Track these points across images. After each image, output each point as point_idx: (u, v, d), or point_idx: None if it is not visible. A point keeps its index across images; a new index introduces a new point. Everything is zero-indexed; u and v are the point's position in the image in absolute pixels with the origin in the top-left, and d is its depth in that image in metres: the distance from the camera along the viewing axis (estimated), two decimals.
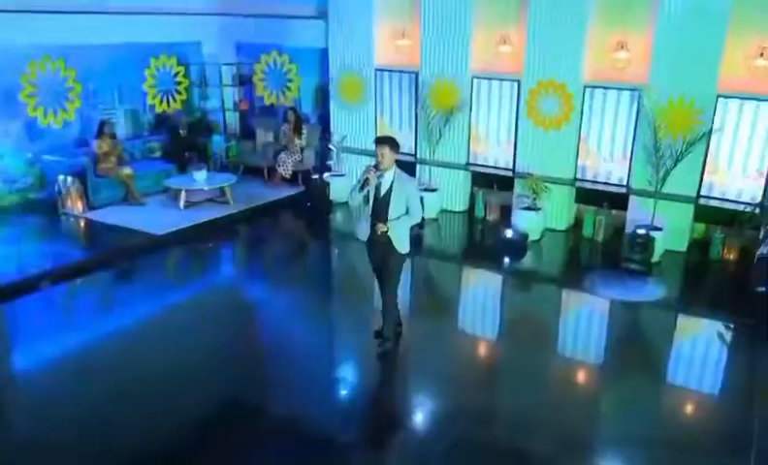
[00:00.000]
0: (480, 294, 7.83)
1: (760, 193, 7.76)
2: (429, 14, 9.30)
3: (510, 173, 9.29)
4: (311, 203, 10.05)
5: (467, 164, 9.67)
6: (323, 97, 11.29)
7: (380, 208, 5.37)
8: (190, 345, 5.92)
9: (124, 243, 8.18)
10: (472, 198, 9.86)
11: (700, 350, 6.41)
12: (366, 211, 5.54)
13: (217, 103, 11.84)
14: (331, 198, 10.14)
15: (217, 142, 10.92)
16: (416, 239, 6.96)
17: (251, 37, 11.44)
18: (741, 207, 7.78)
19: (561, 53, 8.43)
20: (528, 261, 8.36)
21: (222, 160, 10.88)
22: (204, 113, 11.73)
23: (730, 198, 7.96)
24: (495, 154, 9.45)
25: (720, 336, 6.50)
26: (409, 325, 6.17)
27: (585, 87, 8.51)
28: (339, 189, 10.18)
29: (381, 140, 5.37)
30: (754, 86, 7.65)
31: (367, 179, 5.25)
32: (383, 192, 5.35)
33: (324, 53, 10.79)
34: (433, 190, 9.66)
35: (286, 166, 10.54)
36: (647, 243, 7.61)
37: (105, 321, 6.59)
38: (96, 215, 9.02)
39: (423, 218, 6.03)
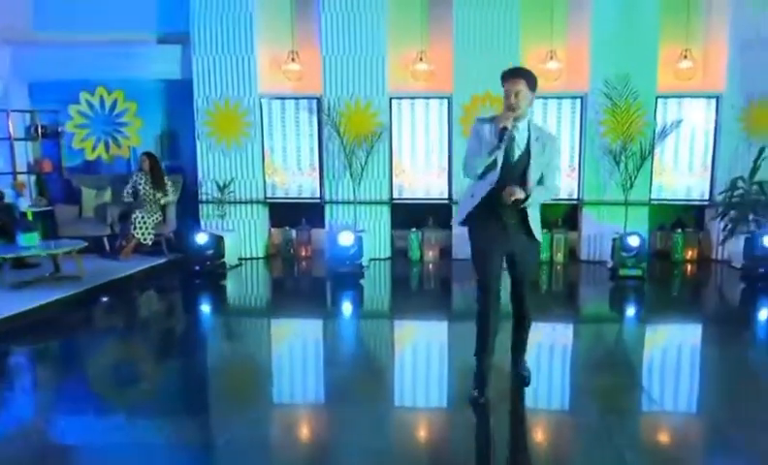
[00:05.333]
0: None
1: None
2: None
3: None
4: (200, 267, 7.29)
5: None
6: (171, 142, 8.74)
7: (511, 179, 3.56)
8: None
9: None
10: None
11: None
12: (481, 184, 3.61)
13: (6, 164, 8.29)
14: (224, 258, 7.52)
15: (25, 206, 7.48)
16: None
17: (61, 72, 8.40)
18: None
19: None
20: None
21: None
22: None
23: None
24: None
25: None
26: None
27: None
28: (231, 247, 7.71)
29: (514, 73, 3.56)
30: None
31: (504, 128, 3.45)
32: (518, 154, 3.59)
33: (174, 86, 8.44)
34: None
35: (146, 228, 7.63)
36: None
37: None
38: None
39: None
